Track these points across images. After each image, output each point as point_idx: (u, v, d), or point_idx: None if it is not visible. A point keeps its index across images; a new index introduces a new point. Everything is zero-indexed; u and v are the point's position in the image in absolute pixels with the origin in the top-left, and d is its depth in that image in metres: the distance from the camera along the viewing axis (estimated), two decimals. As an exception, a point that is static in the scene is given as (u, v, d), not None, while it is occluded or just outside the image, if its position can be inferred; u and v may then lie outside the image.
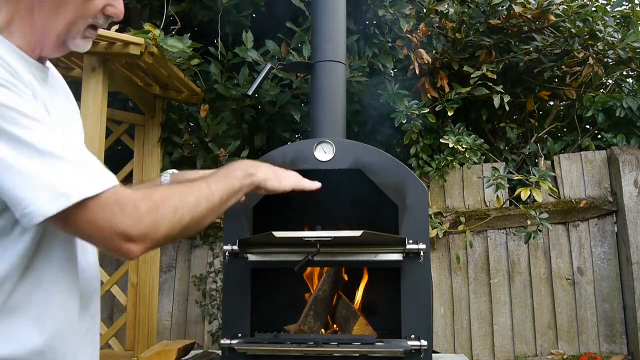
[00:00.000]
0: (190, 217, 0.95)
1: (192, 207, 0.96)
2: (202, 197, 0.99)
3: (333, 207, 2.29)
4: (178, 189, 0.98)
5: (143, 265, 2.84)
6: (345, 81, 2.38)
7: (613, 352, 3.03)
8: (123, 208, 0.86)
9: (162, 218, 0.90)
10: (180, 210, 0.93)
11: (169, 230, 0.91)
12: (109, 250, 0.89)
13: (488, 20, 3.33)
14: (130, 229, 0.86)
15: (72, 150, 0.86)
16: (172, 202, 0.93)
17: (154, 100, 3.02)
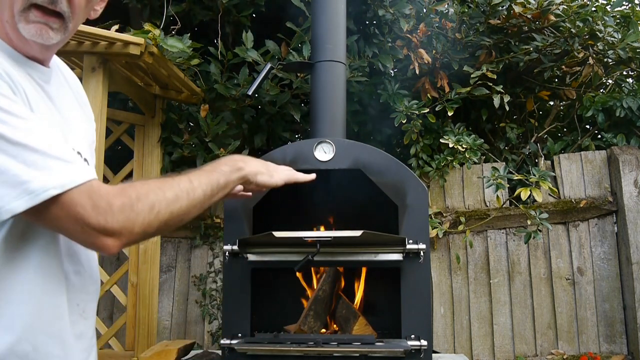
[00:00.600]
0: (169, 213, 0.94)
1: (170, 202, 0.94)
2: (182, 191, 0.97)
3: (333, 207, 2.29)
4: (156, 184, 0.95)
5: (143, 265, 2.84)
6: (345, 81, 2.38)
7: (613, 352, 3.03)
8: (95, 204, 0.84)
9: (137, 214, 0.88)
10: (157, 206, 0.91)
11: (145, 226, 0.90)
12: (84, 244, 0.88)
13: (488, 20, 3.33)
14: (103, 224, 0.85)
15: (48, 144, 0.84)
16: (148, 197, 0.91)
17: (154, 100, 3.02)
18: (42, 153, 0.82)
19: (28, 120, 0.84)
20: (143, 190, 0.92)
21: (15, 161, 0.79)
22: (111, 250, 0.87)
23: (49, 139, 0.85)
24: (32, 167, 0.80)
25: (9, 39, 0.95)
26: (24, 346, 0.89)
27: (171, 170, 3.06)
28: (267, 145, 3.35)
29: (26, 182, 0.79)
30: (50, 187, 0.80)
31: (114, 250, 0.88)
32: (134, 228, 0.88)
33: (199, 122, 3.04)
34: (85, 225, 0.84)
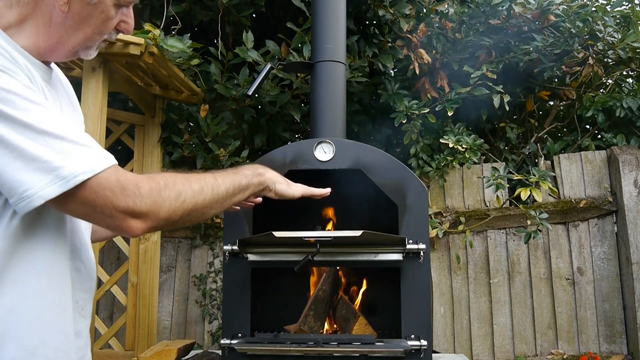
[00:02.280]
0: (193, 204, 0.96)
1: (196, 193, 0.97)
2: (207, 186, 1.01)
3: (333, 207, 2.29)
4: (183, 176, 0.99)
5: (143, 265, 2.84)
6: (345, 81, 2.38)
7: (613, 352, 3.03)
8: (124, 186, 0.87)
9: (163, 199, 0.91)
10: (183, 194, 0.95)
11: (170, 212, 0.92)
12: (110, 227, 0.90)
13: (488, 20, 3.33)
14: (132, 206, 0.87)
15: (70, 131, 0.86)
16: (175, 186, 0.94)
17: (154, 100, 3.02)
18: (68, 140, 0.84)
19: (50, 109, 0.86)
20: (171, 179, 0.95)
21: (45, 148, 0.81)
22: (136, 232, 0.89)
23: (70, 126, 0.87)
24: (61, 154, 0.82)
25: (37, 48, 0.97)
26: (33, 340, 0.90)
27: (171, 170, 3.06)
28: (267, 145, 3.35)
29: (57, 169, 0.81)
30: (80, 173, 0.82)
31: (138, 232, 0.90)
32: (160, 212, 0.91)
33: (199, 122, 3.04)
34: (113, 208, 0.86)
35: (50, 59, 1.02)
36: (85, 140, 0.87)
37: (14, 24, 0.95)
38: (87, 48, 1.02)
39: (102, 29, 1.01)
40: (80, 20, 0.97)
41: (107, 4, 0.98)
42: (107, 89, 2.44)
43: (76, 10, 0.96)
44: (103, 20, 0.99)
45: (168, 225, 0.96)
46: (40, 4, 0.95)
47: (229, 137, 3.08)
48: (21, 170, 0.80)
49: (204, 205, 0.99)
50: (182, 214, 0.95)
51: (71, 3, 0.95)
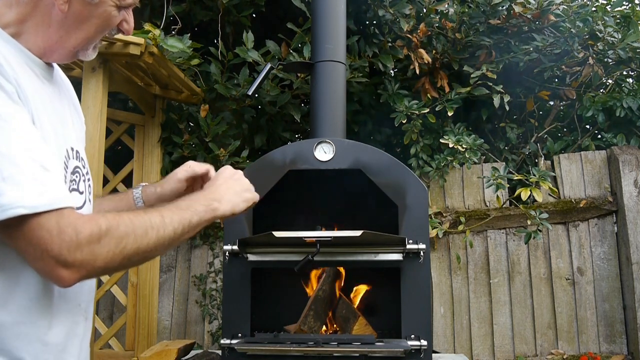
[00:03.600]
0: (134, 249, 0.90)
1: (138, 237, 0.90)
2: (153, 228, 0.93)
3: (333, 207, 2.29)
4: (128, 217, 0.91)
5: (143, 265, 2.84)
6: (345, 81, 2.38)
7: (613, 352, 3.03)
8: (62, 231, 0.80)
9: (102, 247, 0.84)
10: (124, 240, 0.87)
11: (108, 260, 0.86)
12: (39, 271, 0.84)
13: (488, 20, 3.33)
14: (65, 254, 0.81)
15: (34, 159, 0.81)
16: (117, 231, 0.87)
17: (154, 100, 3.02)
18: (21, 167, 0.79)
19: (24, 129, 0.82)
20: (114, 222, 0.88)
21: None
22: (66, 282, 0.83)
23: (35, 152, 0.82)
24: (11, 181, 0.78)
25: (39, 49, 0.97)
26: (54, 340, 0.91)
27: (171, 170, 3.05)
28: (267, 145, 3.35)
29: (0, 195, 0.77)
30: (19, 206, 0.78)
31: (68, 284, 0.83)
32: (96, 262, 0.84)
33: (199, 122, 3.04)
34: (45, 251, 0.80)
35: (51, 60, 1.02)
36: (43, 175, 0.82)
37: (13, 23, 0.94)
38: (86, 48, 1.02)
39: (103, 29, 1.00)
40: (80, 20, 0.96)
41: (108, 4, 0.98)
42: (107, 89, 2.44)
43: (76, 10, 0.95)
44: (104, 20, 0.99)
45: (105, 272, 0.90)
46: (39, 3, 0.94)
47: (229, 137, 3.08)
48: None
49: (147, 249, 0.92)
50: (121, 260, 0.89)
51: (71, 3, 0.94)
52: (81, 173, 1.07)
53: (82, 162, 1.08)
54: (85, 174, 1.09)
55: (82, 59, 1.03)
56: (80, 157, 1.08)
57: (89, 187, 1.11)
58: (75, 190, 1.02)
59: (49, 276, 0.83)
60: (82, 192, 1.06)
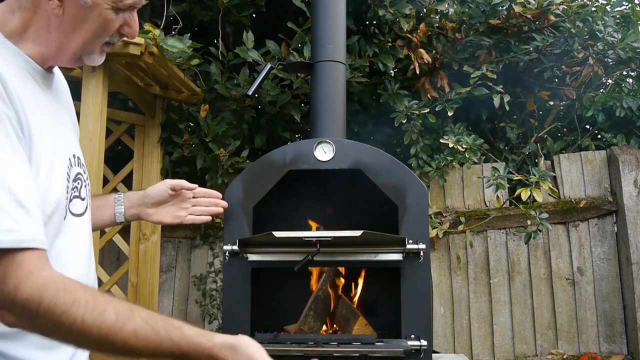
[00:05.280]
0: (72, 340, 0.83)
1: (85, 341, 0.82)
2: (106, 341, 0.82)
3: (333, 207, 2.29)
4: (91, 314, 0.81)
5: (143, 265, 2.84)
6: (345, 81, 2.38)
7: (613, 352, 3.03)
8: (4, 279, 0.78)
9: (35, 319, 0.79)
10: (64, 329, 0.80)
11: (41, 332, 0.82)
12: None
13: (488, 20, 3.33)
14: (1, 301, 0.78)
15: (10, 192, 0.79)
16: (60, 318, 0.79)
17: (154, 100, 3.02)
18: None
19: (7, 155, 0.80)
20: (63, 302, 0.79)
21: None
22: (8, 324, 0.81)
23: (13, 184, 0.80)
24: None
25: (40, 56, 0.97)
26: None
27: (171, 171, 3.06)
28: (267, 145, 3.35)
29: None
30: None
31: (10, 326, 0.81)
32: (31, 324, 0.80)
33: (199, 122, 3.04)
34: None
35: (55, 64, 1.02)
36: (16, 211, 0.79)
37: (17, 30, 0.94)
38: (90, 53, 1.00)
39: (101, 32, 0.99)
40: (76, 24, 0.95)
41: (103, 7, 0.96)
42: (107, 89, 2.44)
43: (71, 14, 0.94)
44: (101, 23, 0.97)
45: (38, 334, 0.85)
46: (39, 9, 0.94)
47: (229, 137, 3.08)
48: None
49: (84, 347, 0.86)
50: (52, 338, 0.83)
51: (65, 7, 0.93)
52: (83, 179, 1.07)
53: (82, 168, 1.09)
54: (85, 179, 1.10)
55: (89, 63, 1.03)
56: (81, 163, 1.09)
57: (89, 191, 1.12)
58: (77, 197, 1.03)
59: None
60: (84, 199, 1.06)
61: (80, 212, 1.03)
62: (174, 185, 1.38)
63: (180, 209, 1.42)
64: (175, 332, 0.86)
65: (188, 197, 1.42)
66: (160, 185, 1.38)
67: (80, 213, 1.03)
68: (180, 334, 0.86)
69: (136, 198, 1.35)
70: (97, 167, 2.31)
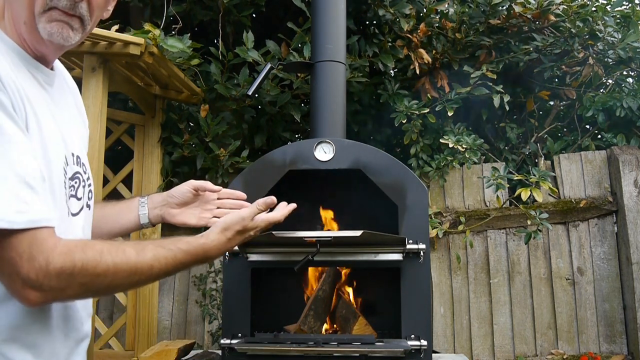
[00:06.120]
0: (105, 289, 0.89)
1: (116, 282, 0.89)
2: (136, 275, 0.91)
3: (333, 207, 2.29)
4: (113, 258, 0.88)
5: (143, 265, 2.84)
6: (345, 81, 2.38)
7: (613, 352, 3.03)
8: (33, 256, 0.79)
9: (71, 281, 0.83)
10: (98, 280, 0.86)
11: (76, 294, 0.86)
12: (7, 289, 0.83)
13: (488, 20, 3.33)
14: (33, 279, 0.79)
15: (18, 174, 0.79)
16: (93, 270, 0.85)
17: (154, 100, 3.02)
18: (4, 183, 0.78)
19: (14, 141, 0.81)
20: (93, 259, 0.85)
21: None
22: (31, 303, 0.82)
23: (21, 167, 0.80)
24: None
25: (21, 41, 0.94)
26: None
27: (171, 171, 3.06)
28: (267, 145, 3.35)
29: None
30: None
31: (33, 305, 0.83)
32: (63, 293, 0.84)
33: (199, 122, 3.04)
34: (14, 273, 0.79)
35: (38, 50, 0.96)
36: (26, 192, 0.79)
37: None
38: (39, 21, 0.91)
39: None
40: None
41: None
42: (107, 89, 2.44)
43: None
44: None
45: (73, 299, 0.92)
46: None
47: (229, 137, 3.08)
48: None
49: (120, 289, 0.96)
50: (91, 294, 0.90)
51: None
52: (81, 179, 1.05)
53: (82, 168, 1.06)
54: (85, 180, 1.07)
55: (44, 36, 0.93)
56: (81, 163, 1.06)
57: (90, 192, 1.09)
58: (73, 196, 1.01)
59: (15, 294, 0.82)
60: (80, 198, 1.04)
61: (75, 211, 1.02)
62: (197, 186, 1.36)
63: (204, 211, 1.39)
64: (180, 243, 1.01)
65: (212, 199, 1.40)
66: (184, 185, 1.36)
67: (75, 213, 1.02)
68: (184, 242, 1.02)
69: (160, 199, 1.34)
70: (97, 167, 2.31)
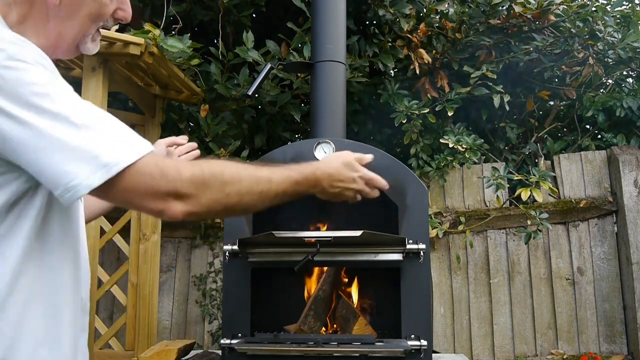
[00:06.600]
0: (237, 200, 0.95)
1: (243, 190, 0.95)
2: (258, 186, 0.99)
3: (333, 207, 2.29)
4: (236, 168, 0.96)
5: (143, 265, 2.84)
6: (345, 81, 2.38)
7: (613, 352, 3.03)
8: (164, 171, 0.86)
9: (206, 187, 0.90)
10: (229, 187, 0.93)
11: (212, 201, 0.91)
12: (152, 212, 0.89)
13: (488, 20, 3.33)
14: (172, 189, 0.86)
15: (105, 119, 0.87)
16: (222, 176, 0.93)
17: (154, 100, 3.02)
18: (106, 129, 0.85)
19: (81, 100, 0.87)
20: (219, 168, 0.94)
21: (85, 139, 0.82)
22: (177, 214, 0.88)
23: (102, 114, 0.88)
24: (101, 143, 0.83)
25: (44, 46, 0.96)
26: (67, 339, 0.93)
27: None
28: (267, 145, 3.35)
29: (98, 157, 0.81)
30: (120, 161, 0.82)
31: (179, 215, 0.88)
32: (201, 198, 0.89)
33: (199, 122, 3.04)
34: (154, 192, 0.86)
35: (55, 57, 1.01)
36: (121, 128, 0.87)
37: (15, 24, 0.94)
38: (85, 42, 1.01)
39: (97, 17, 0.99)
40: (74, 11, 0.96)
41: None
42: (107, 89, 2.43)
43: (69, 1, 0.95)
44: (97, 8, 0.98)
45: (209, 214, 0.95)
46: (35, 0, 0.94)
47: (229, 137, 3.08)
48: (64, 162, 0.80)
49: (248, 204, 0.98)
50: (225, 206, 0.94)
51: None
52: None
53: None
54: None
55: (84, 52, 1.03)
56: None
57: None
58: None
59: (160, 213, 0.88)
60: None
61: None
62: (168, 143, 1.50)
63: None
64: (288, 166, 1.09)
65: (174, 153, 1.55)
66: (157, 146, 1.47)
67: None
68: (293, 165, 1.10)
69: None
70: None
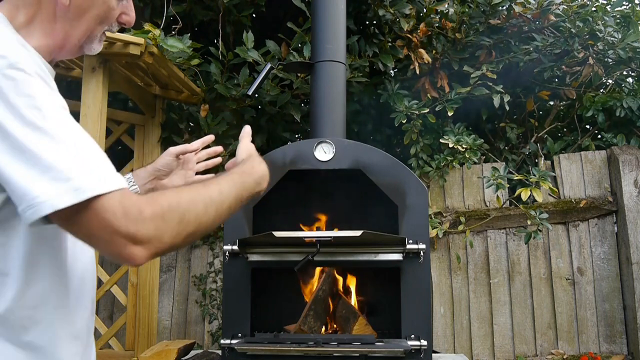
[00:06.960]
0: (196, 224, 0.93)
1: (199, 213, 0.93)
2: (212, 204, 0.97)
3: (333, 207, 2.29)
4: (187, 193, 0.94)
5: (143, 266, 2.84)
6: (345, 81, 2.38)
7: (613, 352, 3.03)
8: (126, 211, 0.83)
9: (167, 224, 0.87)
10: (187, 216, 0.91)
11: (174, 236, 0.89)
12: (110, 254, 0.86)
13: (488, 20, 3.33)
14: (133, 232, 0.83)
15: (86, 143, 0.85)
16: (179, 207, 0.90)
17: (154, 100, 3.02)
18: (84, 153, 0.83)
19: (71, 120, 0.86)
20: (174, 199, 0.91)
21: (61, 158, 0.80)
22: (138, 260, 0.85)
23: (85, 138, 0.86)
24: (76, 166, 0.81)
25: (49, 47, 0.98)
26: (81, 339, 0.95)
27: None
28: (267, 145, 3.35)
29: (70, 180, 0.79)
30: (89, 188, 0.80)
31: (141, 261, 0.86)
32: (163, 237, 0.87)
33: (199, 122, 3.04)
34: (114, 233, 0.82)
35: (59, 57, 1.03)
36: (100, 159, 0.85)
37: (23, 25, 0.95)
38: (91, 41, 1.03)
39: (104, 20, 1.01)
40: (82, 11, 0.97)
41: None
42: (107, 89, 2.43)
43: (78, 3, 0.97)
44: (104, 11, 1.00)
45: (172, 248, 0.92)
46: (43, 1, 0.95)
47: (229, 137, 3.08)
48: (35, 178, 0.78)
49: (207, 224, 0.96)
50: (186, 236, 0.92)
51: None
52: None
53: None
54: None
55: (88, 53, 1.04)
56: None
57: None
58: None
59: (121, 257, 0.85)
60: None
61: None
62: (178, 152, 1.45)
63: (189, 170, 1.49)
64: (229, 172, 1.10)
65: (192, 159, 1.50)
66: (166, 156, 1.43)
67: None
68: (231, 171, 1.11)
69: (146, 174, 1.40)
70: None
